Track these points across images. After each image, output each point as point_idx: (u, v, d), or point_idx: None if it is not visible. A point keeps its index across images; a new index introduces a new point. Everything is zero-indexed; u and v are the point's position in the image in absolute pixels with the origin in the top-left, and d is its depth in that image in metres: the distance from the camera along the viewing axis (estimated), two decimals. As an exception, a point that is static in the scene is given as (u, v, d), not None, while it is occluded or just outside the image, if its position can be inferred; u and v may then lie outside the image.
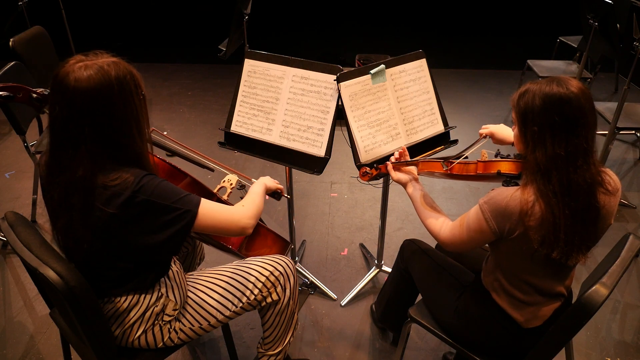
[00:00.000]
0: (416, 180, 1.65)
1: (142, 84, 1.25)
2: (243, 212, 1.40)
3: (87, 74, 1.14)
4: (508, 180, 1.35)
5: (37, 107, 1.55)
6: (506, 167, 1.36)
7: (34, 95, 1.53)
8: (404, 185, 1.66)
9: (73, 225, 1.22)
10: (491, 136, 1.77)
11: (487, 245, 1.40)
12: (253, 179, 1.71)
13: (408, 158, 1.72)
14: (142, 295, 1.37)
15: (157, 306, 1.40)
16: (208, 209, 1.30)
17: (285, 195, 1.82)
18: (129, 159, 1.23)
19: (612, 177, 1.29)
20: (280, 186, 1.74)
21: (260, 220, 1.78)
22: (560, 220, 1.20)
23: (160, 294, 1.40)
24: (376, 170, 1.74)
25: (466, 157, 1.56)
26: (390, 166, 1.70)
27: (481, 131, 1.79)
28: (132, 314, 1.37)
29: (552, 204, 1.20)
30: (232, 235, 1.44)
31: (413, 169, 1.68)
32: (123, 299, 1.35)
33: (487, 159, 1.45)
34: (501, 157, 1.41)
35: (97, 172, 1.18)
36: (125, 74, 1.20)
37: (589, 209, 1.23)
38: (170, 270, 1.44)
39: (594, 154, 1.22)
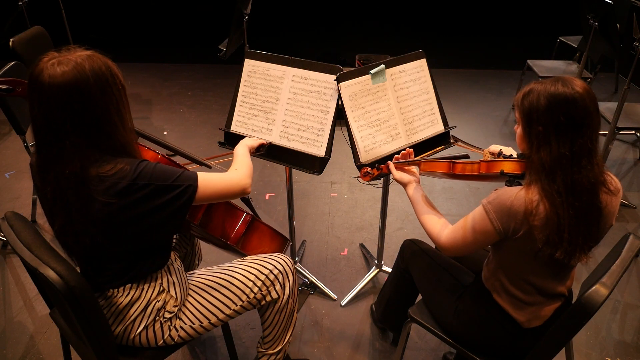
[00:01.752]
0: (417, 182, 1.64)
1: (120, 74, 1.25)
2: (239, 174, 1.47)
3: (60, 70, 1.13)
4: (511, 180, 1.35)
5: None
6: (509, 167, 1.36)
7: None
8: (405, 185, 1.64)
9: (72, 221, 1.22)
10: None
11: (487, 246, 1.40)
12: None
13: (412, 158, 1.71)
14: (144, 289, 1.38)
15: (158, 301, 1.40)
16: (207, 180, 1.35)
17: (266, 143, 1.85)
18: (116, 149, 1.24)
19: (613, 178, 1.29)
20: (261, 140, 1.79)
21: (258, 216, 1.78)
22: (565, 220, 1.20)
23: (161, 288, 1.41)
24: (378, 170, 1.73)
25: (468, 157, 1.55)
26: (392, 165, 1.69)
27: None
28: (133, 308, 1.37)
29: (557, 204, 1.20)
30: (234, 197, 1.47)
31: (415, 169, 1.67)
32: (125, 293, 1.35)
33: (489, 159, 1.44)
34: (504, 157, 1.41)
35: (88, 165, 1.18)
36: (100, 65, 1.18)
37: (592, 209, 1.23)
38: (171, 267, 1.45)
39: (597, 154, 1.23)
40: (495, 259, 1.42)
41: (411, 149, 1.71)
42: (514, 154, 1.52)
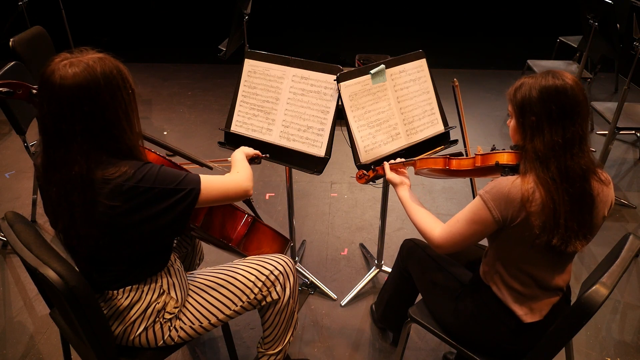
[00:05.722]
0: (409, 185, 1.67)
1: (130, 78, 1.25)
2: (241, 176, 1.48)
3: (72, 71, 1.13)
4: (506, 170, 1.38)
5: (36, 104, 1.56)
6: (504, 158, 1.39)
7: (34, 91, 1.53)
8: (396, 185, 1.67)
9: (75, 224, 1.22)
10: None
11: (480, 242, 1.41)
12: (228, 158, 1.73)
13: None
14: (144, 292, 1.37)
15: (158, 303, 1.40)
16: (209, 182, 1.35)
17: (263, 155, 1.84)
18: (122, 152, 1.24)
19: (602, 170, 1.34)
20: (257, 151, 1.80)
21: (259, 218, 1.78)
22: (560, 206, 1.24)
23: (162, 290, 1.40)
24: (373, 171, 1.74)
25: (462, 154, 1.58)
26: (387, 166, 1.71)
27: None
28: (133, 310, 1.37)
29: (552, 190, 1.24)
30: (237, 200, 1.47)
31: (407, 174, 1.69)
32: (125, 295, 1.35)
33: (483, 152, 1.47)
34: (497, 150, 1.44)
35: (94, 167, 1.18)
36: (112, 69, 1.19)
37: (585, 196, 1.27)
38: (172, 268, 1.45)
39: (588, 143, 1.28)
40: (492, 251, 1.44)
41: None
42: None
